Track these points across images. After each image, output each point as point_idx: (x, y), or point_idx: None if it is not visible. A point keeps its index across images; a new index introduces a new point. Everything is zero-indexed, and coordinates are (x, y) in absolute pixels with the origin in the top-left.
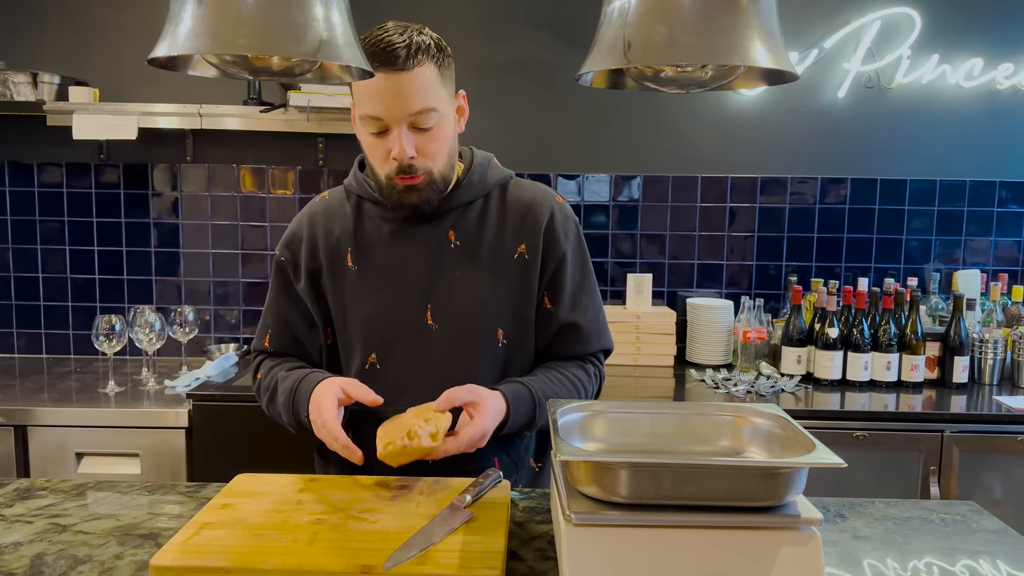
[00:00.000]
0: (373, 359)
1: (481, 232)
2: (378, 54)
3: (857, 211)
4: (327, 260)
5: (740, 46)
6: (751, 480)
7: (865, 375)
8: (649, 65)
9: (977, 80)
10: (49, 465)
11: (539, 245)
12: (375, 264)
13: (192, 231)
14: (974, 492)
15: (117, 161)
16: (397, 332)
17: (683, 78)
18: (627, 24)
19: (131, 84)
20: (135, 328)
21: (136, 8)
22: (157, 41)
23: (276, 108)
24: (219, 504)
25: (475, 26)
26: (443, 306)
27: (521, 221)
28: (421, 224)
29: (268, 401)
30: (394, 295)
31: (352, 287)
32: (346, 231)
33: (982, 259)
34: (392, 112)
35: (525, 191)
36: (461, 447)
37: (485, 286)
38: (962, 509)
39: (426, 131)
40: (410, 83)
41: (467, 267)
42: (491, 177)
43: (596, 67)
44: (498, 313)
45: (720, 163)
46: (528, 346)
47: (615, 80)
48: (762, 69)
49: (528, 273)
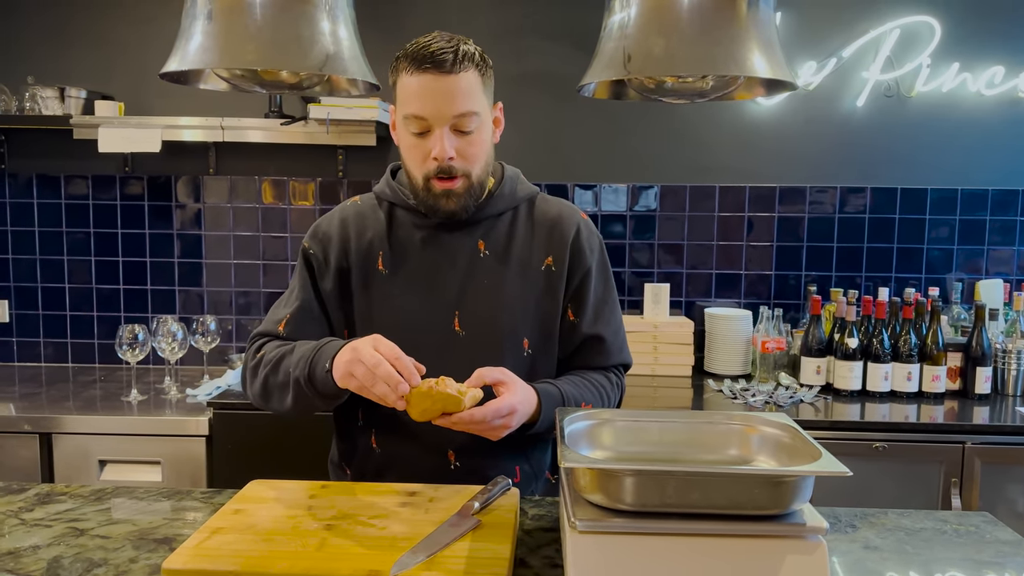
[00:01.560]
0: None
1: (510, 243)
2: (427, 57)
3: (877, 220)
4: (358, 263)
5: (738, 57)
6: (756, 488)
7: (885, 386)
8: (648, 76)
9: (999, 88)
10: (73, 472)
11: (566, 258)
12: (406, 269)
13: (214, 242)
14: (996, 504)
15: (141, 173)
16: (425, 337)
17: (684, 89)
18: (626, 36)
19: (155, 98)
20: (158, 337)
21: (160, 23)
22: (169, 56)
23: (296, 121)
24: (231, 509)
25: (493, 38)
26: (471, 313)
27: (549, 235)
28: (452, 232)
29: (272, 367)
30: (423, 301)
31: (382, 291)
32: (378, 235)
33: (1005, 269)
34: (437, 112)
35: (552, 206)
36: (487, 416)
37: (512, 295)
38: (976, 520)
39: (467, 135)
40: (455, 86)
41: (495, 276)
42: (520, 191)
43: (597, 78)
44: (524, 322)
45: (738, 172)
46: (552, 357)
47: (617, 91)
48: (762, 79)
49: (554, 285)
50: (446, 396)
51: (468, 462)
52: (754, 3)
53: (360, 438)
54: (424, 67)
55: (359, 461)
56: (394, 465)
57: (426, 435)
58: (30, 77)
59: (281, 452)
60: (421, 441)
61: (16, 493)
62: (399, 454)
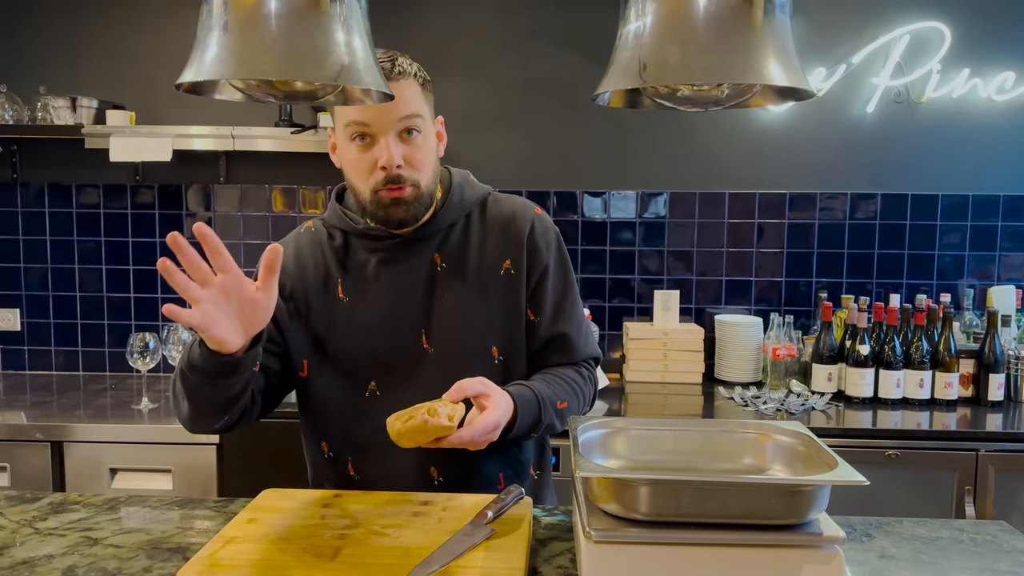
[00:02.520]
0: (373, 387)
1: (465, 252)
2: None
3: (888, 227)
4: (317, 292)
5: (754, 65)
6: (772, 498)
7: (897, 393)
8: (664, 85)
9: (1009, 94)
10: (84, 480)
11: (523, 258)
12: (367, 294)
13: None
14: (1011, 512)
15: (152, 182)
16: (395, 358)
17: (699, 97)
18: (642, 45)
19: (166, 107)
20: (169, 345)
21: (171, 33)
22: (185, 67)
23: (307, 130)
24: (245, 519)
25: (501, 45)
26: (437, 329)
27: (503, 236)
28: (407, 250)
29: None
30: (389, 323)
31: (346, 319)
32: (333, 263)
33: (1017, 274)
34: (381, 118)
35: (504, 206)
36: (475, 436)
37: (475, 305)
38: (992, 529)
39: (412, 141)
40: (397, 91)
41: (455, 288)
42: (470, 196)
43: (612, 87)
44: (490, 331)
45: (748, 179)
46: (522, 361)
47: (632, 99)
48: (778, 87)
49: (516, 287)
50: (439, 428)
51: (450, 475)
52: (770, 11)
53: (335, 468)
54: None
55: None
56: (376, 487)
57: (403, 454)
58: (42, 87)
59: (292, 460)
60: (400, 461)
61: (30, 502)
62: (380, 478)
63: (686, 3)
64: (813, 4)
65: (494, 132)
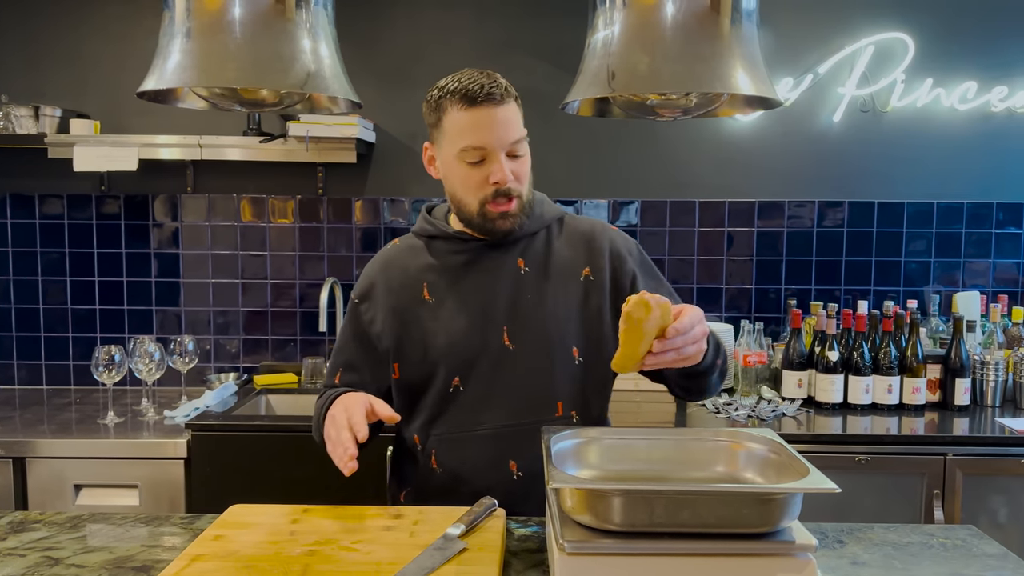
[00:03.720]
0: (456, 382)
1: (548, 258)
2: (477, 93)
3: (855, 234)
4: (406, 296)
5: (722, 74)
6: (745, 506)
7: (867, 398)
8: (632, 94)
9: (971, 103)
10: (48, 497)
11: (605, 268)
12: (452, 294)
13: (192, 261)
14: (979, 516)
15: (118, 192)
16: (478, 356)
17: (668, 106)
18: (611, 54)
19: (132, 116)
20: (135, 358)
21: (136, 41)
22: (147, 75)
23: (275, 138)
24: (211, 535)
25: (473, 55)
26: (519, 328)
27: (585, 247)
28: (492, 253)
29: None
30: (473, 320)
31: (431, 317)
32: (421, 268)
33: (981, 281)
34: (495, 141)
35: (582, 223)
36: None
37: (555, 307)
38: (962, 533)
39: (519, 158)
40: (507, 115)
41: (538, 290)
42: (548, 212)
43: (581, 96)
44: (570, 332)
45: (717, 187)
46: (604, 364)
47: (601, 108)
48: (746, 96)
49: (594, 294)
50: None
51: (529, 468)
52: (737, 20)
53: (419, 461)
54: (477, 102)
55: (418, 485)
56: (457, 483)
57: (486, 449)
58: (3, 96)
59: (261, 475)
60: (482, 455)
61: None
62: (460, 472)
63: (654, 12)
64: (780, 15)
65: None
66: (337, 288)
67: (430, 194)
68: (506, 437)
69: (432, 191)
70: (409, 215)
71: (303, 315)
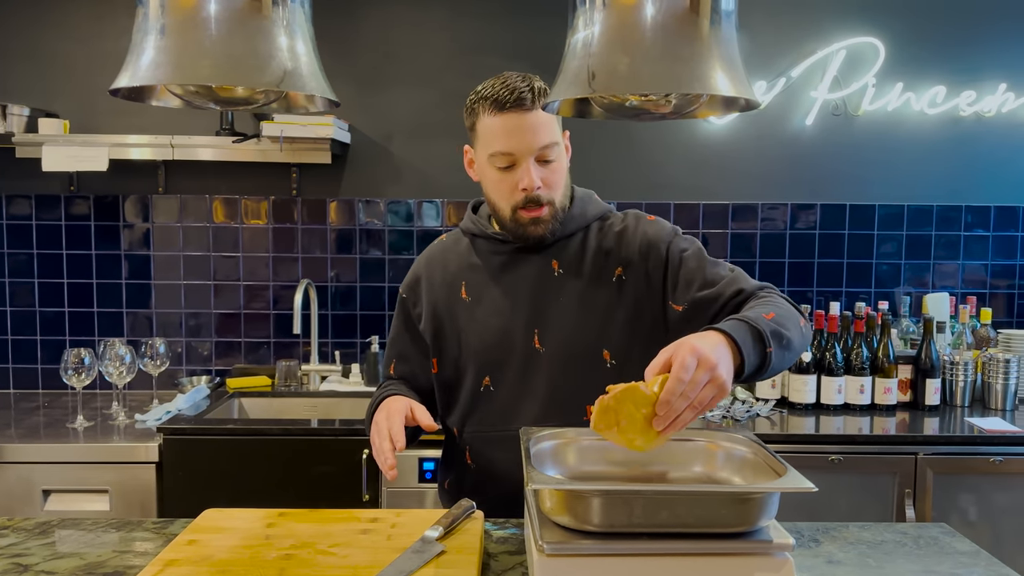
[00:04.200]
0: (487, 382)
1: (581, 261)
2: (507, 98)
3: (827, 236)
4: (445, 294)
5: (702, 75)
6: (723, 506)
7: (839, 399)
8: (612, 94)
9: (941, 107)
10: (16, 503)
11: (635, 263)
12: (487, 294)
13: (164, 262)
14: (949, 514)
15: (88, 193)
16: (508, 356)
17: (647, 107)
18: (591, 54)
19: (102, 115)
20: (105, 361)
21: (107, 39)
22: (120, 72)
23: (249, 139)
24: (185, 540)
25: (450, 56)
26: (548, 331)
27: (617, 245)
28: (528, 255)
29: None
30: (504, 322)
31: (467, 317)
32: (461, 267)
33: (950, 282)
34: (523, 147)
35: (619, 220)
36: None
37: (587, 310)
38: (934, 531)
39: (549, 163)
40: (537, 120)
41: (569, 293)
42: (591, 211)
43: (561, 96)
44: (602, 335)
45: (692, 190)
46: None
47: (581, 109)
48: (725, 97)
49: (628, 293)
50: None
51: None
52: (716, 21)
53: (456, 455)
54: (507, 108)
55: (456, 477)
56: (489, 480)
57: (515, 451)
58: None
59: (233, 478)
60: (511, 457)
61: None
62: (491, 471)
63: (634, 12)
64: (754, 19)
65: (443, 142)
66: (311, 290)
67: (406, 195)
68: None
69: (407, 192)
70: (385, 216)
71: (277, 317)
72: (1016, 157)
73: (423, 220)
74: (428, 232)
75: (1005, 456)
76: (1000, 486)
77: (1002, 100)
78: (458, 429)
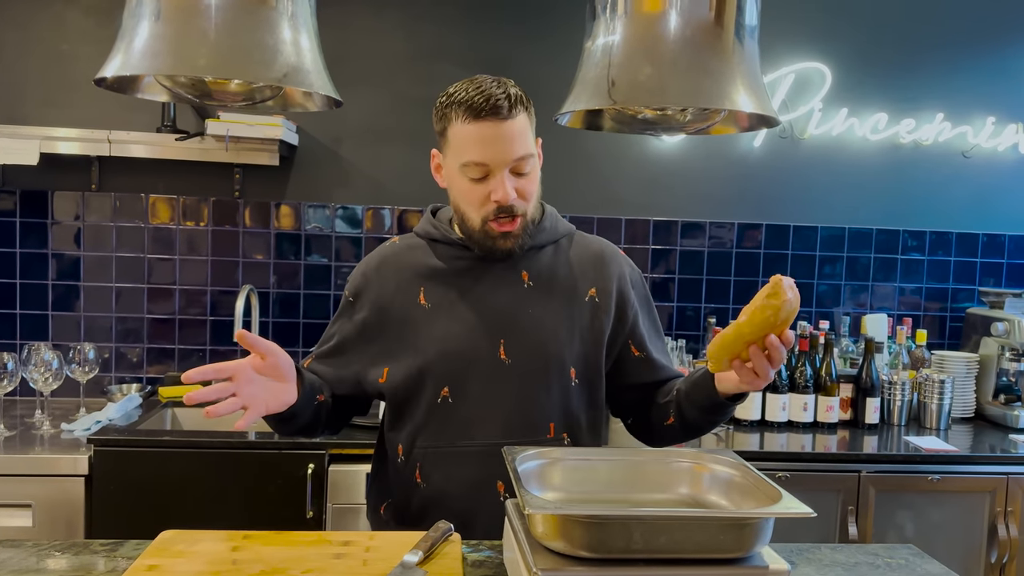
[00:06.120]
0: (446, 393)
1: (553, 274)
2: (483, 105)
3: (772, 256)
4: (399, 299)
5: (726, 90)
6: (721, 532)
7: (783, 416)
8: (635, 106)
9: (882, 134)
10: None
11: (611, 293)
12: (449, 301)
13: (94, 263)
14: (887, 531)
15: (14, 187)
16: (470, 366)
17: (662, 121)
18: (612, 64)
19: (32, 106)
20: (29, 367)
21: (39, 27)
22: (107, 59)
23: (192, 137)
24: (144, 566)
25: (404, 60)
26: (517, 342)
27: (593, 268)
28: (495, 263)
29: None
30: (469, 330)
31: (426, 323)
32: (419, 271)
33: (888, 304)
34: (498, 158)
35: (592, 242)
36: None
37: (557, 325)
38: (904, 553)
39: (524, 175)
40: (513, 130)
41: (540, 306)
42: (561, 228)
43: (579, 107)
44: (570, 352)
45: (642, 206)
46: (598, 389)
47: (592, 121)
48: (740, 114)
49: (599, 316)
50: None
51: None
52: (740, 37)
53: (402, 474)
54: (482, 116)
55: (399, 499)
56: (441, 501)
57: (473, 467)
58: None
59: (169, 494)
60: (468, 473)
61: None
62: (446, 489)
63: (659, 22)
64: None
65: (397, 149)
66: (254, 296)
67: (354, 201)
68: (495, 456)
69: (356, 198)
70: (333, 221)
71: (214, 324)
72: (951, 185)
73: (372, 226)
74: (377, 239)
75: (942, 475)
76: (936, 502)
77: (939, 129)
78: (405, 446)
